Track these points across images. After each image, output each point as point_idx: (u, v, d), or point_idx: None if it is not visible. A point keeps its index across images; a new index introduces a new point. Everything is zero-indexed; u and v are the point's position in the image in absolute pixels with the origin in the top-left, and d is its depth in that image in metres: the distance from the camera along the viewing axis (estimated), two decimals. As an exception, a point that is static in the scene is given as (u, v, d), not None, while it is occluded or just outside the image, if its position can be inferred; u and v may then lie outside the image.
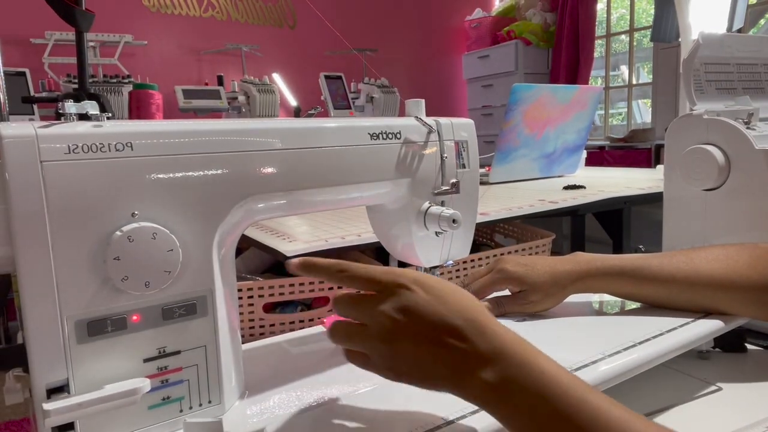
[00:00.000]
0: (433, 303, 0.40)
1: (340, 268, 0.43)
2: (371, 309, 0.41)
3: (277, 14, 3.68)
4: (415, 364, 0.40)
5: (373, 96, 3.10)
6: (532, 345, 0.40)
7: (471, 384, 0.38)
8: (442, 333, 0.39)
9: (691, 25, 1.42)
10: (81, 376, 0.38)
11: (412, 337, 0.39)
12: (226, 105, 2.83)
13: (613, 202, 1.21)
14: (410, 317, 0.39)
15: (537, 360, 0.38)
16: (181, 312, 0.42)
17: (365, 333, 0.41)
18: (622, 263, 0.59)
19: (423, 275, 0.42)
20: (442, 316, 0.39)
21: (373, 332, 0.41)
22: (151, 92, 2.53)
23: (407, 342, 0.39)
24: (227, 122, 0.45)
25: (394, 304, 0.40)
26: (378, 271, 0.42)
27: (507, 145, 1.58)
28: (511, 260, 0.61)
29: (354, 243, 0.83)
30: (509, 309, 0.61)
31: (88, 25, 1.39)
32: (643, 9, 4.31)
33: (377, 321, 0.40)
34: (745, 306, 0.56)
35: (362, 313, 0.42)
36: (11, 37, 2.79)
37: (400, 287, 0.41)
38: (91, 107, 0.40)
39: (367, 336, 0.41)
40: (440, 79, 4.45)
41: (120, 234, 0.38)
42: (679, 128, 0.75)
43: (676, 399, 0.55)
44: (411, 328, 0.39)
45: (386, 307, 0.40)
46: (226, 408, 0.45)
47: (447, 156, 0.56)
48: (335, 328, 0.43)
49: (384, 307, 0.40)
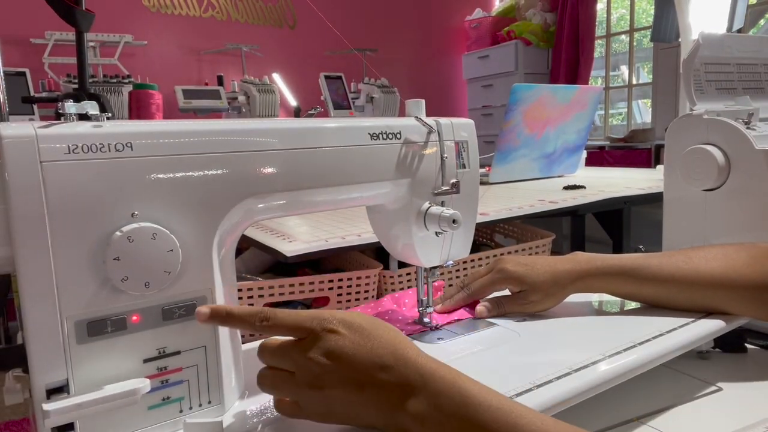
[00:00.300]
0: (358, 343, 0.40)
1: (263, 316, 0.41)
2: (298, 356, 0.40)
3: (277, 14, 3.68)
4: (347, 407, 0.40)
5: (373, 96, 3.10)
6: (455, 369, 0.40)
7: (401, 418, 0.39)
8: (369, 372, 0.39)
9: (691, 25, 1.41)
10: (81, 376, 0.38)
11: (340, 381, 0.39)
12: (226, 105, 2.83)
13: (613, 202, 1.21)
14: (337, 361, 0.39)
15: (458, 383, 0.38)
16: (181, 312, 0.42)
17: (293, 381, 0.40)
18: (622, 263, 0.59)
19: (348, 315, 0.42)
20: (369, 356, 0.39)
21: (302, 380, 0.40)
22: (151, 92, 2.53)
23: (336, 387, 0.39)
24: (227, 122, 0.45)
25: (321, 349, 0.40)
26: (302, 316, 0.41)
27: (507, 145, 1.58)
28: (511, 260, 0.61)
29: (354, 243, 0.83)
30: (509, 309, 0.61)
31: (88, 25, 1.39)
32: (643, 9, 4.31)
33: (305, 368, 0.40)
34: (744, 305, 0.56)
35: (289, 361, 0.41)
36: (11, 37, 2.79)
37: (325, 331, 0.40)
38: (91, 107, 0.40)
39: (296, 384, 0.40)
40: (440, 79, 4.45)
41: (120, 234, 0.38)
42: (679, 128, 0.75)
43: (676, 399, 0.55)
44: (339, 372, 0.39)
45: (313, 354, 0.40)
46: (226, 408, 0.45)
47: (447, 156, 0.56)
48: (262, 378, 0.42)
49: (311, 354, 0.40)
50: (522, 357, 0.51)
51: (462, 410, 0.37)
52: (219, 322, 0.42)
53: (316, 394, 0.40)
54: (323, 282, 0.85)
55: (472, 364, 0.50)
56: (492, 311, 0.61)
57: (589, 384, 0.45)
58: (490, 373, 0.47)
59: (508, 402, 0.37)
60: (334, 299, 0.87)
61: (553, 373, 0.46)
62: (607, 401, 0.52)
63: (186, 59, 3.40)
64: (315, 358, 0.39)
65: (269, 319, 0.41)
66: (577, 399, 0.44)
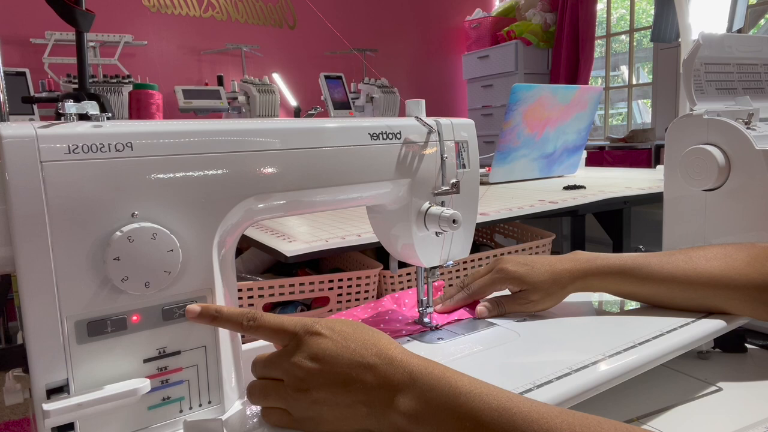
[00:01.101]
0: (341, 344, 0.40)
1: (250, 317, 0.42)
2: (283, 362, 0.41)
3: (277, 14, 3.69)
4: (336, 411, 0.40)
5: (373, 96, 3.10)
6: (442, 365, 0.40)
7: (394, 417, 0.39)
8: (355, 372, 0.39)
9: (691, 26, 1.42)
10: (81, 376, 0.38)
11: (325, 382, 0.39)
12: (226, 105, 2.84)
13: (613, 202, 1.22)
14: (322, 363, 0.40)
15: (446, 377, 0.39)
16: (181, 312, 0.42)
17: (281, 387, 0.41)
18: (622, 262, 0.59)
19: (332, 321, 0.43)
20: (353, 356, 0.40)
21: (289, 384, 0.40)
22: (151, 92, 2.53)
23: (322, 388, 0.39)
24: (227, 122, 0.45)
25: (305, 353, 0.40)
26: (287, 320, 0.42)
27: (507, 146, 1.58)
28: (511, 260, 0.61)
29: (354, 243, 0.83)
30: (509, 309, 0.61)
31: (88, 25, 1.39)
32: (643, 9, 4.31)
33: (291, 373, 0.40)
34: (744, 305, 0.56)
35: (276, 368, 0.41)
36: (11, 37, 2.79)
37: (308, 334, 0.41)
38: (91, 107, 0.40)
39: (283, 389, 0.41)
40: (440, 79, 4.46)
41: (120, 234, 0.38)
42: (679, 128, 0.75)
43: (676, 399, 0.55)
44: (323, 374, 0.40)
45: (297, 358, 0.40)
46: (226, 408, 0.45)
47: (447, 156, 0.56)
48: (251, 389, 0.42)
49: (295, 358, 0.40)
50: (522, 357, 0.51)
51: (452, 401, 0.37)
52: (208, 321, 0.42)
53: (304, 398, 0.40)
54: (323, 282, 0.85)
55: (472, 364, 0.50)
56: (492, 311, 0.61)
57: (589, 384, 0.45)
58: (490, 373, 0.47)
59: (496, 390, 0.38)
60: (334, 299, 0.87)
61: (553, 373, 0.46)
62: (607, 401, 0.52)
63: (186, 59, 3.40)
64: (299, 362, 0.40)
65: (256, 319, 0.42)
66: (577, 399, 0.44)
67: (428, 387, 0.38)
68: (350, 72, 3.35)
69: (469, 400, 0.37)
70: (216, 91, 2.86)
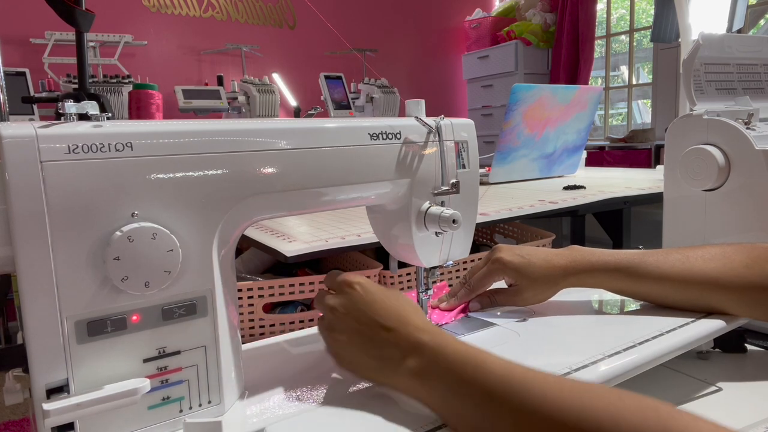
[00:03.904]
0: (369, 303, 0.47)
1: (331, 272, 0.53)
2: (324, 302, 0.50)
3: (277, 14, 3.68)
4: (351, 354, 0.47)
5: (373, 96, 3.10)
6: (451, 335, 0.45)
7: (398, 375, 0.44)
8: (372, 328, 0.46)
9: (691, 26, 1.41)
10: (81, 376, 0.38)
11: (346, 328, 0.48)
12: (226, 105, 2.83)
13: (613, 202, 1.22)
14: (348, 312, 0.48)
15: (449, 344, 0.43)
16: (181, 312, 0.42)
17: (321, 321, 0.51)
18: (617, 260, 0.59)
19: (371, 282, 0.50)
20: (373, 315, 0.47)
21: (324, 321, 0.50)
22: (151, 92, 2.52)
23: (343, 333, 0.48)
24: (227, 122, 0.45)
25: (338, 300, 0.49)
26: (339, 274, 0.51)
27: (507, 146, 1.58)
28: (507, 249, 0.61)
29: (354, 243, 0.83)
30: (501, 301, 0.62)
31: (88, 25, 1.39)
32: (643, 9, 4.31)
33: (326, 313, 0.50)
34: (741, 305, 0.56)
35: (320, 305, 0.51)
36: (11, 37, 2.79)
37: (346, 285, 0.49)
38: (91, 107, 0.40)
39: (321, 324, 0.51)
40: (440, 79, 4.45)
41: (120, 234, 0.38)
42: (679, 128, 0.75)
43: (676, 399, 0.55)
44: (346, 321, 0.48)
45: (332, 302, 0.49)
46: (226, 408, 0.45)
47: (447, 156, 0.56)
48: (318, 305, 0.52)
49: (331, 302, 0.49)
50: (522, 357, 0.51)
51: (459, 368, 0.41)
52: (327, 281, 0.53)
53: (328, 335, 0.49)
54: (323, 282, 0.85)
55: (472, 364, 0.50)
56: (484, 304, 0.63)
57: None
58: (490, 373, 0.47)
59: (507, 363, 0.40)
60: (334, 299, 0.87)
61: (553, 373, 0.46)
62: (607, 401, 0.52)
63: (186, 59, 3.40)
64: (331, 305, 0.49)
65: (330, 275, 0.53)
66: (577, 399, 0.44)
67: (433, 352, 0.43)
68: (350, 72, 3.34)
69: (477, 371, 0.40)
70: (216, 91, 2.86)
